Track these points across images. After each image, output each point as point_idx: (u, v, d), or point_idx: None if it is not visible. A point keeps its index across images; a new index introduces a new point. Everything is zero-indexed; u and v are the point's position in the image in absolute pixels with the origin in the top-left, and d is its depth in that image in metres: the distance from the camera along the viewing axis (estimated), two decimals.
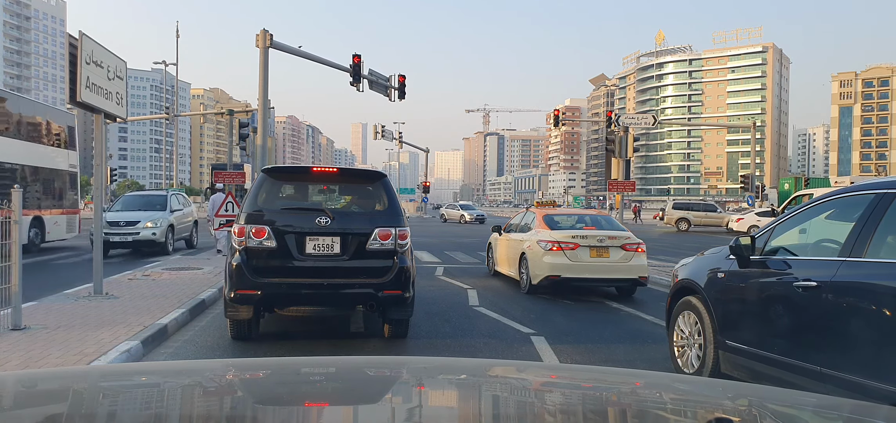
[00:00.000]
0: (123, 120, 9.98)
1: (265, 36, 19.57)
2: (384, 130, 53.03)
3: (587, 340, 7.59)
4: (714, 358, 5.16)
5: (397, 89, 23.12)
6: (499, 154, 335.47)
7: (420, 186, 66.89)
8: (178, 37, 51.18)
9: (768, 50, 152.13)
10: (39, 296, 9.04)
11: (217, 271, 12.16)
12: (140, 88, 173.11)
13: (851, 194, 4.37)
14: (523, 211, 14.29)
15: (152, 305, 8.50)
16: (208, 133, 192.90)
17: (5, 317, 6.82)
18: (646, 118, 33.22)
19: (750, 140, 66.41)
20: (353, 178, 7.67)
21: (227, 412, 1.49)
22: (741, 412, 1.50)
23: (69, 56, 8.36)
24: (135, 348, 6.26)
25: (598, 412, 1.55)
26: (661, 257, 18.25)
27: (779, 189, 43.54)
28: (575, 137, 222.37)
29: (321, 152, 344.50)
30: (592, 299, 10.72)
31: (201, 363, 4.36)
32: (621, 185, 22.93)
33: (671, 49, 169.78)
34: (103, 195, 9.82)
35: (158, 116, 55.05)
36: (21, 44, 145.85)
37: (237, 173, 22.55)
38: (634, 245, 10.96)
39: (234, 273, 6.46)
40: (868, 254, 3.83)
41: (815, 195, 5.64)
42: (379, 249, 6.63)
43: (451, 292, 11.11)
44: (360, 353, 6.70)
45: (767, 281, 4.74)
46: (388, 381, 1.78)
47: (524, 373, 2.05)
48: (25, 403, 1.46)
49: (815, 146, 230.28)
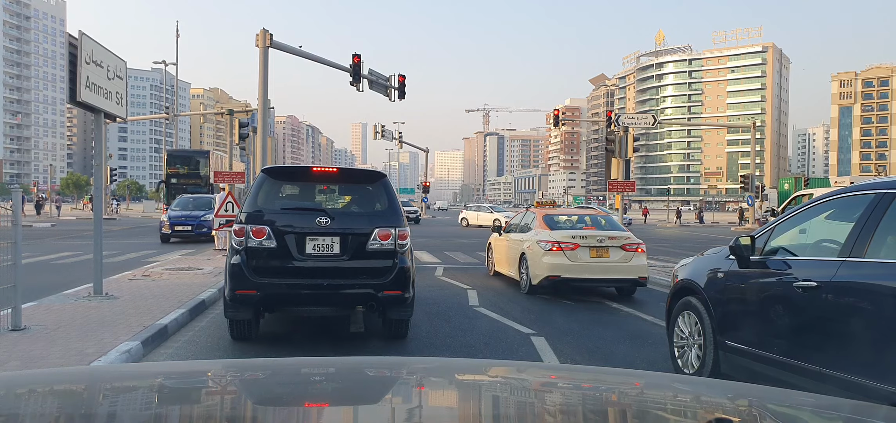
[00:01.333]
0: (123, 120, 9.97)
1: (265, 36, 19.57)
2: (384, 130, 53.01)
3: (587, 340, 7.59)
4: (714, 358, 5.16)
5: (397, 89, 23.11)
6: (499, 154, 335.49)
7: (420, 186, 66.87)
8: (178, 37, 51.26)
9: (768, 50, 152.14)
10: (39, 296, 9.04)
11: (217, 272, 12.17)
12: (140, 88, 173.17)
13: (851, 194, 4.36)
14: (523, 211, 14.29)
15: (152, 305, 8.50)
16: (208, 133, 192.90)
17: (5, 317, 6.82)
18: (646, 118, 33.22)
19: (750, 140, 66.44)
20: (353, 178, 7.66)
21: (227, 412, 1.49)
22: (741, 412, 1.50)
23: (69, 56, 8.35)
24: (135, 349, 6.26)
25: (598, 412, 1.55)
26: (661, 257, 18.26)
27: (779, 189, 43.59)
28: (575, 137, 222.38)
29: (321, 152, 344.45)
30: (592, 299, 10.72)
31: (201, 363, 4.37)
32: (621, 185, 22.92)
33: (671, 49, 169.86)
34: (103, 195, 9.82)
35: (158, 115, 55.06)
36: (21, 44, 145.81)
37: (237, 174, 22.50)
38: (634, 245, 10.96)
39: (234, 273, 6.46)
40: (868, 254, 3.83)
41: (815, 195, 5.64)
42: (379, 249, 6.63)
43: (451, 292, 11.11)
44: (360, 353, 6.70)
45: (767, 281, 4.74)
46: (388, 381, 1.77)
47: (524, 373, 2.05)
48: (25, 403, 1.46)
49: (815, 146, 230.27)
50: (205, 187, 33.76)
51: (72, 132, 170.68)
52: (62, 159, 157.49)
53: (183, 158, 38.99)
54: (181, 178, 35.75)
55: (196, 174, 36.29)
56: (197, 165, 37.12)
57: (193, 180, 35.29)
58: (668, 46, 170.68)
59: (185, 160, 38.08)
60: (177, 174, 36.21)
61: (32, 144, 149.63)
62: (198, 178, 35.93)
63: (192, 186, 33.61)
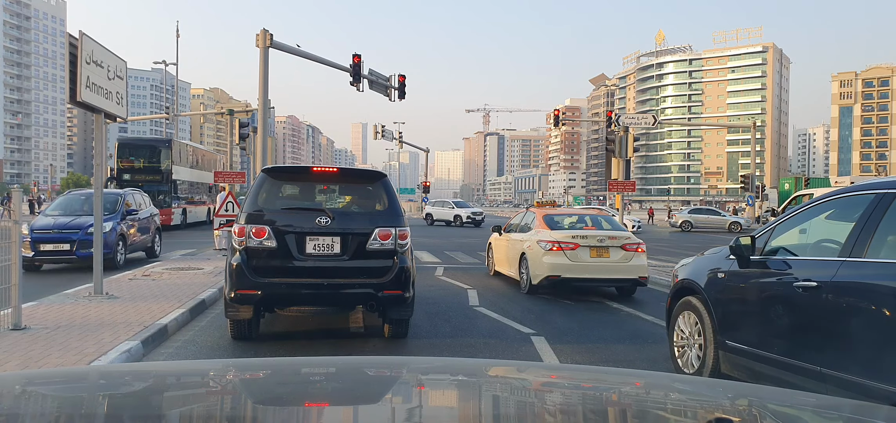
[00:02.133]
0: (123, 120, 9.97)
1: (265, 36, 19.58)
2: (384, 130, 53.01)
3: (587, 340, 7.59)
4: (714, 358, 5.16)
5: (397, 89, 23.12)
6: (499, 154, 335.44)
7: (420, 186, 66.81)
8: (179, 37, 51.24)
9: (768, 50, 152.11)
10: (39, 296, 9.04)
11: (217, 272, 12.17)
12: (140, 88, 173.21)
13: (851, 194, 4.36)
14: (523, 211, 14.30)
15: (152, 305, 8.50)
16: (208, 133, 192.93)
17: (5, 317, 6.82)
18: (646, 118, 33.21)
19: (750, 140, 66.43)
20: (354, 178, 7.67)
21: (227, 412, 1.49)
22: (741, 412, 1.50)
23: (69, 56, 8.35)
24: (135, 349, 6.26)
25: (598, 412, 1.55)
26: (661, 257, 18.25)
27: (779, 189, 43.59)
28: (575, 137, 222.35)
29: (321, 152, 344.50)
30: (592, 299, 10.72)
31: (201, 363, 4.36)
32: (621, 185, 22.93)
33: (671, 49, 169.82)
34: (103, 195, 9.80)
35: (158, 115, 55.02)
36: (21, 44, 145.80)
37: (237, 174, 22.50)
38: (634, 245, 10.96)
39: (235, 273, 6.47)
40: (868, 254, 3.83)
41: (815, 195, 5.64)
42: (379, 249, 6.63)
43: (451, 292, 11.11)
44: (360, 353, 6.70)
45: (767, 281, 4.74)
46: (388, 381, 1.77)
47: (524, 373, 2.05)
48: (25, 403, 1.46)
49: (815, 146, 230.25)
50: (166, 185, 28.84)
51: (72, 132, 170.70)
52: (62, 159, 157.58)
53: (138, 147, 30.96)
54: (136, 173, 28.68)
55: (155, 169, 29.23)
56: (156, 157, 29.65)
57: (151, 176, 28.67)
58: (669, 46, 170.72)
59: (140, 151, 30.28)
60: (130, 169, 29.02)
61: (33, 143, 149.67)
62: (157, 173, 29.10)
63: (149, 183, 27.36)
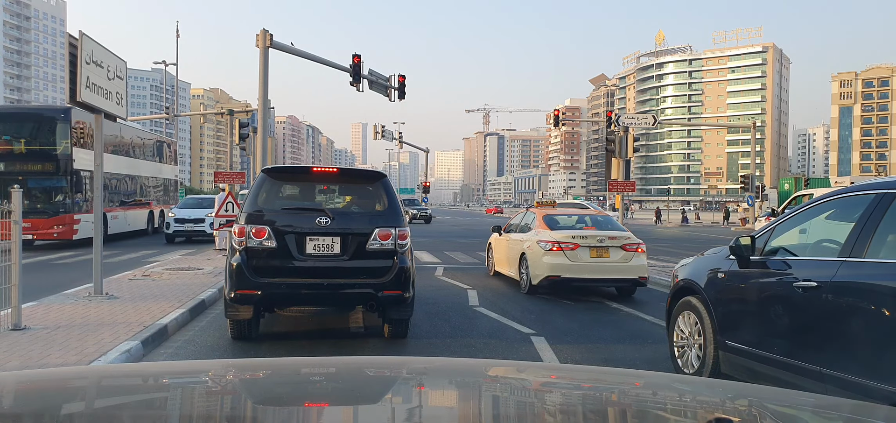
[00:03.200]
0: (123, 120, 9.97)
1: (265, 36, 19.57)
2: (384, 130, 52.97)
3: (587, 340, 7.59)
4: (714, 358, 5.16)
5: (397, 89, 23.12)
6: (499, 154, 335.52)
7: (420, 187, 66.82)
8: (178, 37, 51.21)
9: (768, 50, 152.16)
10: (39, 296, 9.04)
11: (217, 272, 12.17)
12: (140, 88, 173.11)
13: (851, 194, 4.36)
14: (523, 211, 14.30)
15: (152, 305, 8.50)
16: (208, 133, 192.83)
17: (5, 317, 6.82)
18: (646, 118, 33.24)
19: (750, 140, 66.41)
20: (353, 178, 7.67)
21: (227, 412, 1.49)
22: (741, 412, 1.50)
23: (69, 56, 8.36)
24: (135, 349, 6.26)
25: (598, 412, 1.55)
26: (661, 257, 18.25)
27: (779, 189, 43.57)
28: (575, 137, 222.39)
29: (321, 152, 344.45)
30: (592, 299, 10.72)
31: (201, 363, 4.37)
32: (621, 185, 22.94)
33: (671, 49, 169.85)
34: (102, 194, 9.80)
35: (158, 115, 54.96)
36: (21, 44, 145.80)
37: (237, 174, 22.49)
38: (634, 245, 10.96)
39: (234, 273, 6.47)
40: (868, 254, 3.83)
41: (815, 195, 5.65)
42: (379, 249, 6.63)
43: (451, 292, 11.11)
44: (360, 353, 6.70)
45: (767, 281, 4.74)
46: (388, 381, 1.77)
47: (524, 373, 2.05)
48: (25, 403, 1.46)
49: (815, 146, 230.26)
50: (60, 177, 19.20)
51: None
52: None
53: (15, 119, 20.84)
54: (13, 160, 18.83)
55: (43, 153, 19.21)
56: (45, 135, 19.51)
57: (37, 164, 19.08)
58: (669, 46, 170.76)
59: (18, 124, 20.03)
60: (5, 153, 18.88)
61: None
62: (46, 158, 19.15)
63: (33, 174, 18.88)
